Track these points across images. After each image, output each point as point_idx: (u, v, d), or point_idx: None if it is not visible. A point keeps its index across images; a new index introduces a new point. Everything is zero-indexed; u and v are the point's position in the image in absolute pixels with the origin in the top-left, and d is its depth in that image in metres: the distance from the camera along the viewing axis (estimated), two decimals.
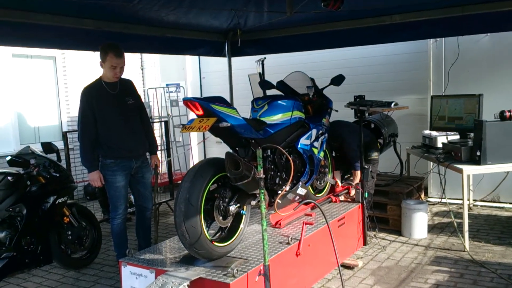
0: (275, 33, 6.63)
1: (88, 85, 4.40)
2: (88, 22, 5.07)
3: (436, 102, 5.90)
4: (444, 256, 4.78)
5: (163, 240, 4.30)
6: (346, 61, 7.52)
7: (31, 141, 7.62)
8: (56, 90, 8.25)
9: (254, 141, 3.69)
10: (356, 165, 5.09)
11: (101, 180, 4.41)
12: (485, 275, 4.26)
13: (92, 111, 4.31)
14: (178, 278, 3.22)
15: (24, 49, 7.20)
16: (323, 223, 4.27)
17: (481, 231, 5.47)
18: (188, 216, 3.25)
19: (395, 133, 6.02)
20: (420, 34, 5.91)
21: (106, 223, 6.49)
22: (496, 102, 5.82)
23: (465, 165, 4.89)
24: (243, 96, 7.39)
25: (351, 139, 5.09)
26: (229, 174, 3.34)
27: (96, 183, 4.40)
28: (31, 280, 4.76)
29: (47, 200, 4.58)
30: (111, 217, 4.57)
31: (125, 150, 4.43)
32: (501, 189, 6.25)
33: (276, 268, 3.52)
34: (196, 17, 5.68)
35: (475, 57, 6.44)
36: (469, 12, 5.31)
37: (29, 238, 4.41)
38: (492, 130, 4.76)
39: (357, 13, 5.64)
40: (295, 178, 4.20)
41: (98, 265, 5.09)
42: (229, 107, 3.48)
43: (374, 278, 4.33)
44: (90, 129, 4.33)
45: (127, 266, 3.61)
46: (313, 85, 4.76)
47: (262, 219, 3.17)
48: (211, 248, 3.41)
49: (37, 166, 4.60)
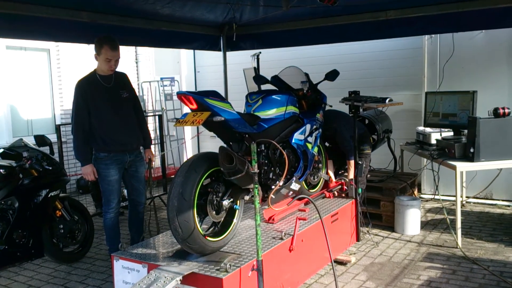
0: (271, 28, 6.61)
1: (82, 78, 4.37)
2: (83, 15, 5.02)
3: (430, 99, 5.90)
4: (436, 252, 4.80)
5: (156, 235, 4.28)
6: (341, 57, 7.52)
7: (24, 133, 7.57)
8: (49, 82, 8.19)
9: (248, 135, 3.68)
10: (350, 156, 5.08)
11: (95, 174, 4.38)
12: (477, 272, 4.28)
13: (86, 104, 4.28)
14: (170, 272, 3.21)
15: (18, 41, 7.15)
16: (316, 219, 4.27)
17: (474, 228, 5.50)
18: (181, 211, 3.24)
19: (389, 129, 6.02)
20: (415, 30, 5.93)
21: (99, 217, 6.47)
22: (490, 99, 5.85)
23: (458, 162, 4.91)
24: (238, 90, 7.36)
25: (344, 129, 5.09)
26: (223, 169, 3.33)
27: (89, 176, 4.38)
28: (22, 274, 4.73)
29: (40, 193, 4.56)
30: (104, 211, 4.55)
31: (119, 143, 4.41)
32: (494, 186, 6.27)
33: (269, 263, 3.52)
34: (191, 11, 5.65)
35: (470, 54, 6.44)
36: (464, 8, 5.32)
37: (21, 231, 4.39)
38: (485, 127, 4.77)
39: (353, 8, 5.64)
40: (289, 173, 4.20)
41: (90, 259, 5.07)
42: (223, 102, 3.47)
43: (367, 274, 4.34)
44: (84, 122, 4.30)
45: (119, 260, 3.59)
46: (307, 80, 4.75)
47: (256, 214, 3.16)
48: (204, 243, 3.40)
49: (29, 159, 4.57)
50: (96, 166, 4.40)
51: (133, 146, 4.55)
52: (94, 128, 4.34)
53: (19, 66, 7.72)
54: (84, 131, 4.32)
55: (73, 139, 4.37)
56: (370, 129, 5.76)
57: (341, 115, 5.30)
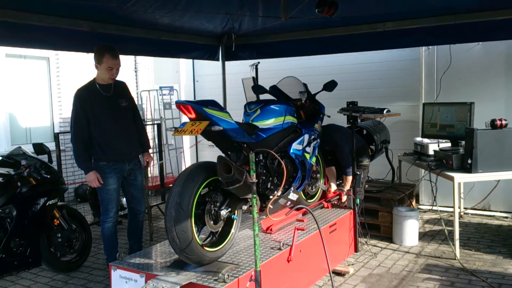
0: (269, 38, 6.65)
1: (81, 86, 4.38)
2: (83, 24, 5.05)
3: (428, 110, 5.93)
4: (435, 263, 4.79)
5: (154, 244, 4.27)
6: (339, 67, 7.55)
7: (23, 141, 7.57)
8: (49, 91, 8.20)
9: (246, 145, 3.69)
10: (347, 170, 5.09)
11: (99, 180, 4.36)
12: (475, 284, 4.27)
13: (85, 113, 4.28)
14: (168, 282, 3.20)
15: (17, 49, 7.15)
16: (314, 229, 4.26)
17: (472, 239, 5.49)
18: (179, 220, 3.24)
19: (387, 139, 6.04)
20: (412, 41, 5.97)
21: (97, 226, 6.44)
22: (488, 110, 5.87)
23: (456, 173, 4.92)
24: (237, 100, 7.38)
25: (344, 143, 5.10)
26: (221, 178, 3.33)
27: (94, 183, 4.34)
28: (20, 283, 4.71)
29: (37, 202, 4.54)
30: (102, 220, 4.54)
31: (118, 152, 4.41)
32: (491, 197, 6.27)
33: (267, 273, 3.51)
34: (190, 20, 5.68)
35: (467, 65, 6.48)
36: (461, 20, 5.37)
37: (19, 240, 4.37)
38: (483, 138, 4.79)
39: (351, 19, 5.68)
40: (287, 183, 4.20)
41: (88, 268, 5.05)
42: (222, 111, 3.48)
43: (365, 285, 4.33)
44: (83, 131, 4.30)
45: (117, 270, 3.58)
46: (305, 90, 4.77)
47: (254, 224, 3.16)
48: (201, 253, 3.39)
49: (28, 167, 4.56)
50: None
51: (132, 154, 4.55)
52: (93, 137, 4.34)
53: (18, 74, 7.73)
54: (84, 139, 4.31)
55: (73, 148, 4.36)
56: (368, 140, 5.77)
57: (339, 128, 5.32)
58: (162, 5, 4.81)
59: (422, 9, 5.31)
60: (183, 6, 4.95)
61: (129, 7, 4.67)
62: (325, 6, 4.35)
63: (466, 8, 5.24)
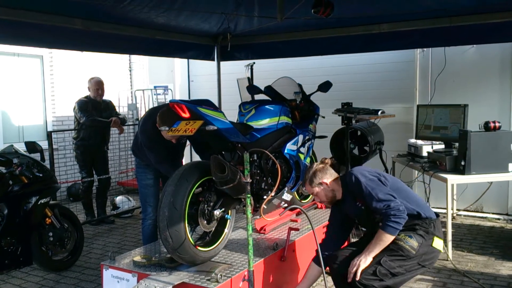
0: (265, 39, 6.65)
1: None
2: (77, 22, 5.01)
3: (422, 111, 5.94)
4: None
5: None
6: (334, 68, 7.55)
7: (15, 140, 7.52)
8: (42, 89, 8.15)
9: (240, 145, 3.68)
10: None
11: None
12: (467, 285, 4.28)
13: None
14: (160, 282, 3.19)
15: (10, 47, 7.11)
16: (308, 229, 4.26)
17: (464, 241, 5.51)
18: (172, 220, 3.22)
19: (381, 141, 6.04)
20: (407, 43, 5.99)
21: (89, 225, 6.42)
22: (481, 112, 5.89)
23: (449, 175, 4.93)
24: (231, 100, 7.36)
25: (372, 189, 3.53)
26: (215, 178, 3.32)
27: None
28: (10, 282, 4.67)
29: (29, 200, 4.50)
30: (142, 218, 4.54)
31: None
32: (484, 199, 6.30)
33: (261, 273, 3.51)
34: (186, 20, 5.67)
35: (461, 68, 6.51)
36: (456, 23, 5.39)
37: (9, 238, 4.33)
38: (476, 140, 4.81)
39: (347, 21, 5.69)
40: (281, 184, 4.19)
41: (79, 267, 5.02)
42: (216, 111, 3.46)
43: None
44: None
45: (109, 269, 3.56)
46: (300, 91, 4.77)
47: (248, 224, 3.15)
48: (194, 252, 3.38)
49: (20, 166, 4.52)
50: (136, 170, 4.51)
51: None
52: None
53: (11, 72, 7.68)
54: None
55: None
56: (362, 141, 5.78)
57: (362, 175, 3.80)
58: (157, 4, 4.79)
59: (417, 11, 5.32)
60: (179, 5, 4.93)
61: (125, 6, 4.65)
62: (321, 6, 4.35)
63: (461, 10, 5.26)
